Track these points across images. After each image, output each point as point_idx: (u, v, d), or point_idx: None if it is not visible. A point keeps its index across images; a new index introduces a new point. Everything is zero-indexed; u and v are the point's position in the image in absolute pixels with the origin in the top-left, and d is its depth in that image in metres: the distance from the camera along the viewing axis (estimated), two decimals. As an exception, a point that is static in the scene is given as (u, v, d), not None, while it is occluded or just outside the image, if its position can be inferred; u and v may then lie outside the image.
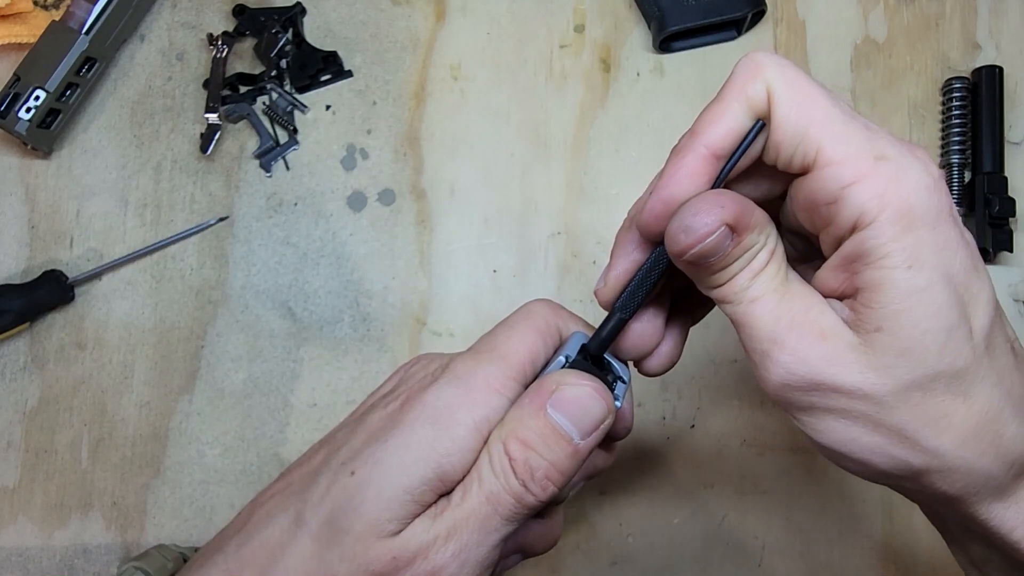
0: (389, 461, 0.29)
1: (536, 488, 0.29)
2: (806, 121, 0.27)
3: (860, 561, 0.50)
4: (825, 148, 0.26)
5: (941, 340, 0.26)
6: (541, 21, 0.55)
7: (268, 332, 0.51)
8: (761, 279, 0.28)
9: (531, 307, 0.33)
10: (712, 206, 0.27)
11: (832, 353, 0.27)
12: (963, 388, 0.27)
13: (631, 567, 0.50)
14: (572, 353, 0.32)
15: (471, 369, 0.31)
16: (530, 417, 0.30)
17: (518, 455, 0.29)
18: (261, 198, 0.53)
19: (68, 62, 0.51)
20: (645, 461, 0.50)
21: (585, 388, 0.30)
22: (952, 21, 0.55)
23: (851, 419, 0.27)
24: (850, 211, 0.26)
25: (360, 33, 0.55)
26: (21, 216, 0.53)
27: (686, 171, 0.28)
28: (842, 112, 0.27)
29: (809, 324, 0.28)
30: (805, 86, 0.27)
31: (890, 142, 0.26)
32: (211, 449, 0.50)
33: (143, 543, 0.49)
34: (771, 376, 0.28)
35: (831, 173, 0.26)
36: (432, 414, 0.30)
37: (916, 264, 0.26)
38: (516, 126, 0.54)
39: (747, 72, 0.28)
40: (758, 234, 0.28)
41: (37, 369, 0.51)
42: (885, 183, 0.26)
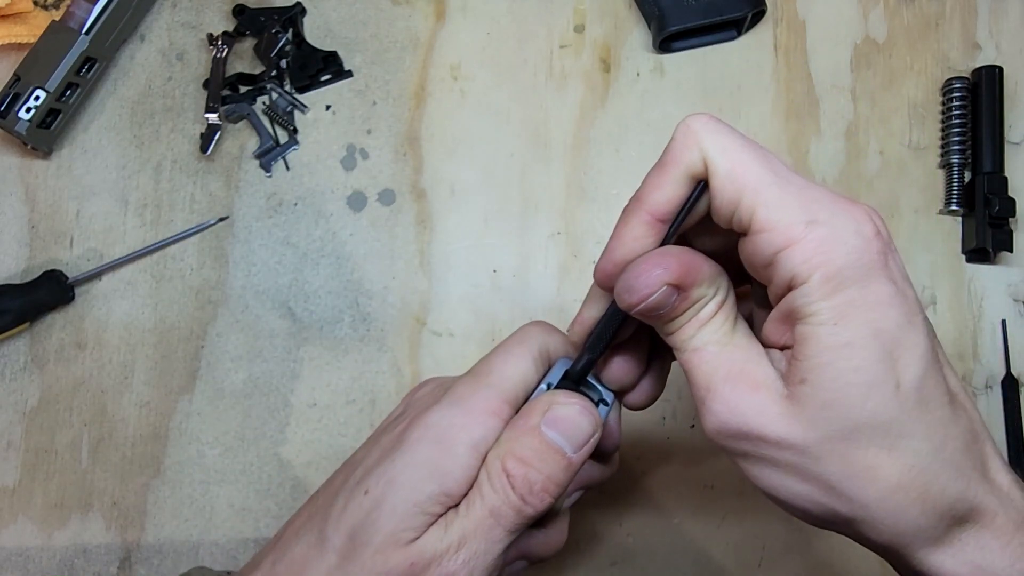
0: (399, 480, 0.32)
1: (534, 500, 0.32)
2: (739, 188, 0.28)
3: (860, 561, 0.50)
4: (758, 214, 0.28)
5: (863, 393, 0.27)
6: (541, 21, 0.55)
7: (268, 332, 0.51)
8: (707, 330, 0.30)
9: (527, 331, 0.36)
10: (653, 267, 0.29)
11: (761, 404, 0.28)
12: (888, 441, 0.28)
13: (631, 567, 0.50)
14: (555, 380, 0.35)
15: (469, 392, 0.34)
16: (525, 436, 0.32)
17: (516, 471, 0.32)
18: (261, 198, 0.53)
19: (68, 62, 0.51)
20: (645, 461, 0.50)
21: (574, 406, 0.33)
22: (952, 21, 0.55)
23: (781, 468, 0.29)
24: (783, 273, 0.27)
25: (360, 33, 0.55)
26: (21, 216, 0.53)
27: (631, 235, 0.30)
28: (775, 177, 0.28)
29: (744, 375, 0.29)
30: (738, 153, 0.28)
31: (824, 204, 0.28)
32: (211, 449, 0.50)
33: (143, 543, 0.49)
34: (706, 423, 0.30)
35: (765, 239, 0.28)
36: (435, 435, 0.33)
37: (841, 321, 0.27)
38: (516, 126, 0.54)
39: (683, 141, 0.29)
40: (707, 287, 0.30)
41: (37, 369, 0.51)
42: (814, 248, 0.27)
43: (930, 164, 0.54)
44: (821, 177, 0.54)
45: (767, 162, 0.28)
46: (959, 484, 0.28)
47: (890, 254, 0.28)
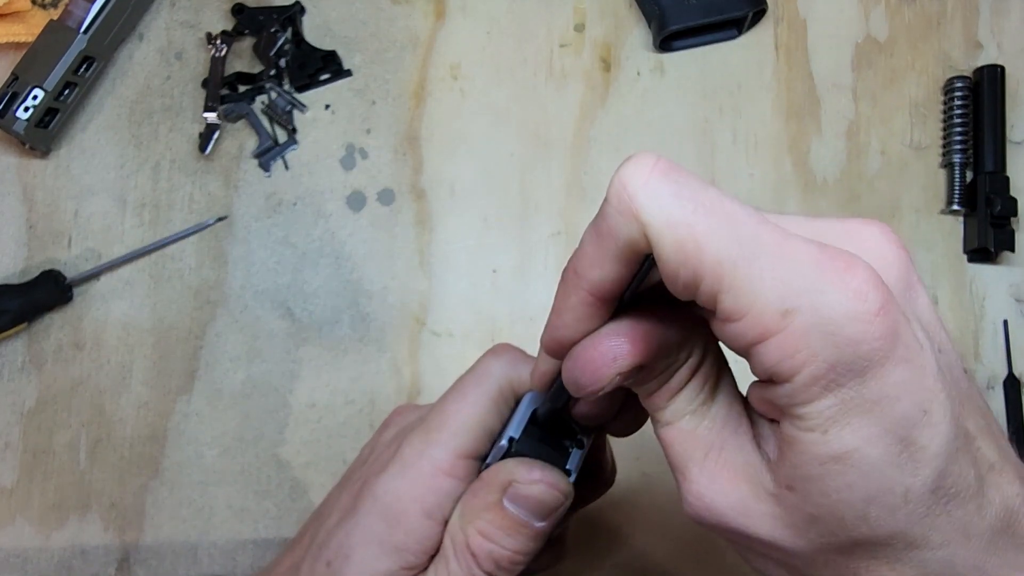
0: (354, 556, 0.31)
1: (502, 573, 0.30)
2: (694, 271, 0.21)
3: None
4: (723, 302, 0.22)
5: (858, 510, 0.22)
6: (541, 20, 0.55)
7: (267, 332, 0.51)
8: (678, 401, 0.26)
9: (484, 367, 0.33)
10: (602, 357, 0.24)
11: (743, 501, 0.24)
12: (892, 555, 0.23)
13: (631, 567, 0.49)
14: (522, 421, 0.32)
15: (419, 453, 0.31)
16: (487, 511, 0.30)
17: (479, 549, 0.30)
18: (260, 198, 0.53)
19: (66, 61, 0.51)
20: (645, 461, 0.50)
21: (537, 486, 0.30)
22: (954, 20, 0.55)
23: (773, 562, 0.25)
24: (762, 369, 0.22)
25: (359, 32, 0.55)
26: (19, 216, 0.52)
27: (573, 316, 0.25)
28: (738, 250, 0.21)
29: (722, 464, 0.25)
30: (687, 223, 0.21)
31: (805, 280, 0.21)
32: (210, 450, 0.50)
33: (141, 544, 0.49)
34: (685, 508, 0.26)
35: (733, 329, 0.22)
36: (382, 508, 0.31)
37: (832, 428, 0.22)
38: (516, 126, 0.54)
39: (618, 207, 0.22)
40: (675, 353, 0.25)
41: (35, 369, 0.51)
42: (794, 344, 0.21)
43: (931, 164, 0.54)
44: (822, 177, 0.53)
45: (728, 228, 0.21)
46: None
47: (904, 320, 0.22)
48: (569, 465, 0.32)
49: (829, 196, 0.53)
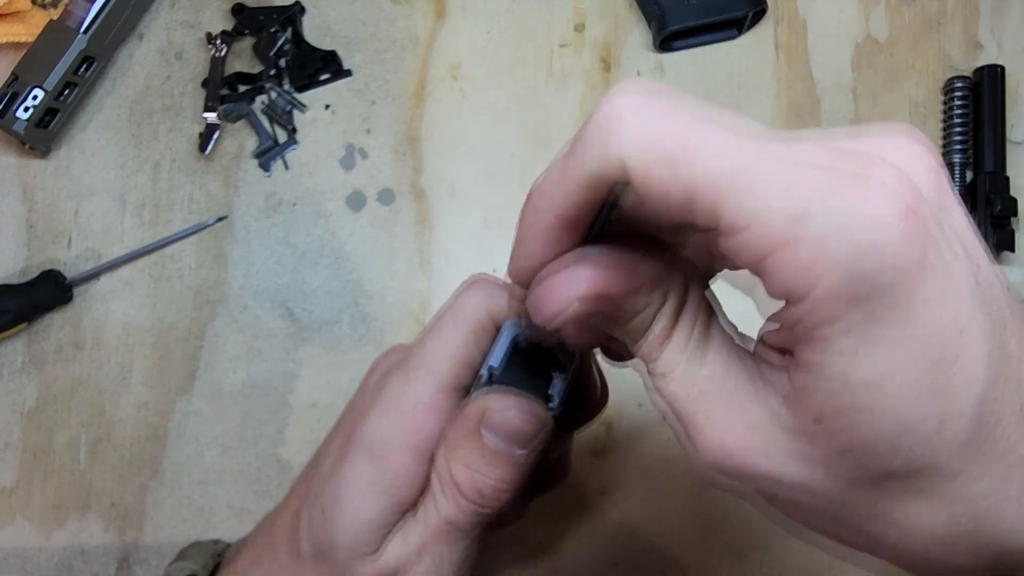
0: (346, 500, 0.31)
1: (489, 503, 0.30)
2: (686, 185, 0.19)
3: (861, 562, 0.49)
4: (724, 212, 0.19)
5: (891, 440, 0.20)
6: (541, 20, 0.55)
7: (267, 332, 0.51)
8: (669, 349, 0.23)
9: (461, 301, 0.32)
10: (561, 283, 0.23)
11: (763, 445, 0.22)
12: (928, 487, 0.21)
13: (631, 567, 0.49)
14: (503, 350, 0.31)
15: (400, 392, 0.31)
16: (466, 441, 0.30)
17: (463, 479, 0.30)
18: (260, 198, 0.53)
19: (66, 61, 0.51)
20: (645, 461, 0.50)
21: (510, 413, 0.30)
22: (954, 20, 0.55)
23: (800, 506, 0.23)
24: (775, 287, 0.20)
25: (359, 32, 0.55)
26: (19, 216, 0.52)
27: (536, 240, 0.24)
28: (738, 156, 0.19)
29: (734, 410, 0.22)
30: (675, 136, 0.20)
31: (819, 183, 0.19)
32: (210, 450, 0.50)
33: (141, 544, 0.49)
34: (699, 462, 0.23)
35: (739, 242, 0.20)
36: (369, 450, 0.31)
37: (863, 350, 0.19)
38: (516, 126, 0.54)
39: (598, 136, 0.20)
40: (647, 294, 0.23)
41: (35, 369, 0.51)
42: (811, 254, 0.19)
43: (931, 164, 0.54)
44: (822, 177, 0.53)
45: (726, 136, 0.20)
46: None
47: (934, 228, 0.19)
48: (551, 391, 0.32)
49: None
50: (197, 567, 0.38)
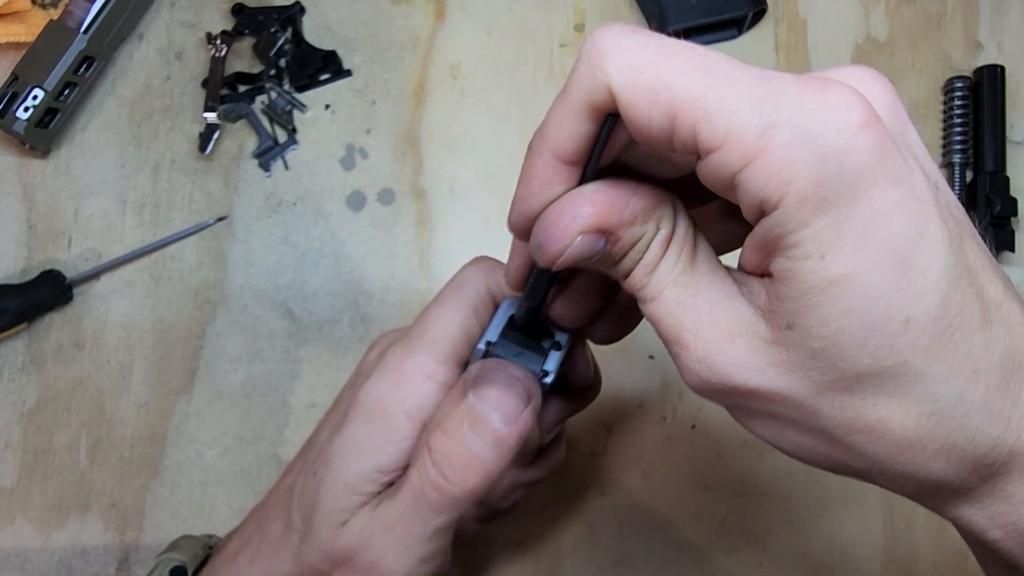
0: (334, 461, 0.31)
1: (456, 476, 0.29)
2: (667, 109, 0.21)
3: (861, 563, 0.49)
4: (701, 132, 0.21)
5: (859, 339, 0.22)
6: (541, 20, 0.55)
7: (267, 332, 0.51)
8: (658, 273, 0.25)
9: (462, 276, 0.33)
10: (562, 216, 0.24)
11: (741, 355, 0.24)
12: (899, 388, 0.22)
13: (631, 567, 0.49)
14: (500, 325, 0.32)
15: (401, 359, 0.31)
16: (453, 405, 0.30)
17: (437, 444, 0.29)
18: (260, 198, 0.53)
19: (66, 61, 0.51)
20: (645, 462, 0.50)
21: (500, 373, 0.30)
22: (954, 20, 0.55)
23: (779, 420, 0.25)
24: (749, 199, 0.22)
25: (359, 32, 0.55)
26: (19, 216, 0.52)
27: (538, 181, 0.25)
28: (712, 79, 0.21)
29: (716, 324, 0.24)
30: (653, 65, 0.22)
31: (784, 98, 0.21)
32: (209, 450, 0.50)
33: (141, 544, 0.49)
34: (686, 380, 0.25)
35: (716, 160, 0.22)
36: (366, 412, 0.31)
37: (829, 252, 0.21)
38: (516, 126, 0.54)
39: (587, 62, 0.23)
40: (642, 224, 0.25)
41: (35, 369, 0.51)
42: (779, 161, 0.21)
43: (931, 164, 0.54)
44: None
45: (698, 63, 0.22)
46: (993, 429, 0.23)
47: (892, 140, 0.21)
48: (547, 366, 0.32)
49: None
50: (186, 558, 0.38)
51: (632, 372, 0.51)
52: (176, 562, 0.37)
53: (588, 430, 0.50)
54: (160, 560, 0.38)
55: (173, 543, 0.40)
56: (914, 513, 0.49)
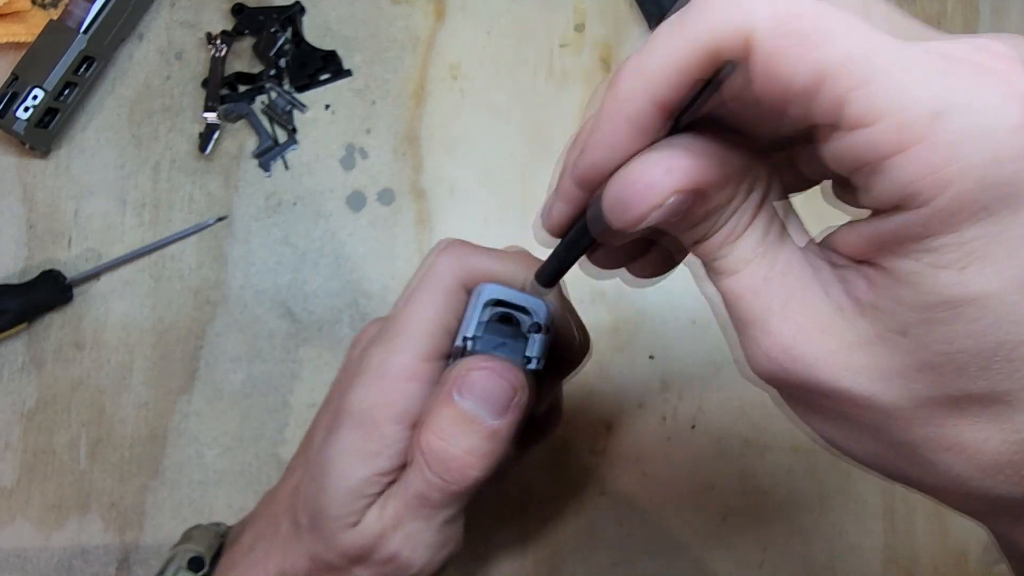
0: (333, 469, 0.31)
1: (454, 476, 0.30)
2: (816, 66, 0.18)
3: (861, 563, 0.49)
4: (853, 103, 0.18)
5: (982, 362, 0.19)
6: (541, 20, 0.55)
7: (267, 332, 0.51)
8: (741, 245, 0.22)
9: (431, 267, 0.32)
10: (655, 171, 0.21)
11: (834, 353, 0.21)
12: (1003, 413, 0.20)
13: (631, 567, 0.49)
14: (475, 316, 0.31)
15: (382, 361, 0.31)
16: (441, 406, 0.30)
17: (432, 447, 0.30)
18: (260, 198, 0.53)
19: (66, 61, 0.50)
20: (646, 461, 0.50)
21: (482, 373, 0.29)
22: (953, 20, 0.55)
23: (853, 424, 0.22)
24: (891, 188, 0.18)
25: (359, 32, 0.55)
26: (19, 216, 0.52)
27: (622, 131, 0.21)
28: (879, 40, 0.18)
29: (806, 312, 0.21)
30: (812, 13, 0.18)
31: (962, 76, 0.18)
32: (210, 450, 0.50)
33: (141, 544, 0.49)
34: (754, 364, 0.23)
35: (861, 139, 0.18)
36: (355, 420, 0.31)
37: (973, 265, 0.18)
38: (516, 126, 0.54)
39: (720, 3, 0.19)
40: (734, 187, 0.22)
41: (35, 369, 0.51)
42: (946, 154, 0.17)
43: (931, 164, 0.54)
44: (822, 177, 0.53)
45: (871, 14, 0.19)
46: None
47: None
48: (530, 351, 0.31)
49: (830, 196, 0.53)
50: (202, 548, 0.38)
51: (632, 372, 0.51)
52: (193, 553, 0.38)
53: (588, 430, 0.50)
54: (176, 552, 0.38)
55: (186, 533, 0.40)
56: (914, 513, 0.49)
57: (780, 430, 0.51)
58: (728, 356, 0.51)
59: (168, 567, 0.38)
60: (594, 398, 0.51)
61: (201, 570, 0.37)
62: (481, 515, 0.49)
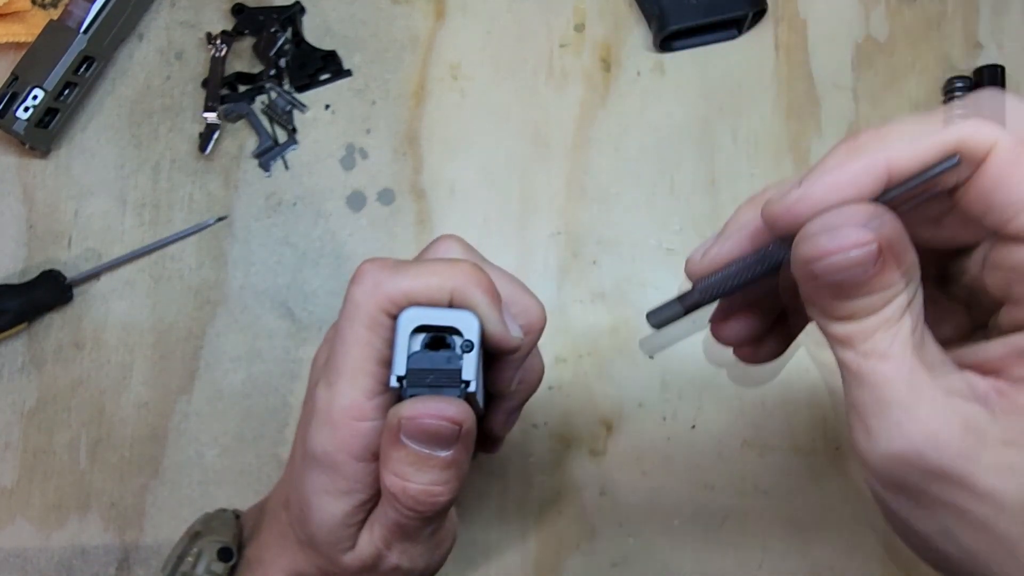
0: (313, 506, 0.32)
1: (427, 505, 0.30)
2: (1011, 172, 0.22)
3: (861, 563, 0.49)
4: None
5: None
6: (541, 20, 0.55)
7: (267, 332, 0.51)
8: (894, 333, 0.24)
9: (350, 301, 0.31)
10: (868, 218, 0.22)
11: (973, 448, 0.23)
12: None
13: (631, 567, 0.49)
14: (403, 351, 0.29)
15: (328, 405, 0.31)
16: (392, 450, 0.30)
17: (395, 488, 0.30)
18: (260, 198, 0.53)
19: (66, 61, 0.51)
20: (645, 461, 0.50)
21: (423, 420, 0.29)
22: (954, 20, 0.55)
23: (963, 518, 0.24)
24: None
25: (359, 32, 0.55)
26: (19, 216, 0.52)
27: (848, 177, 0.23)
28: None
29: (950, 408, 0.23)
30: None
31: None
32: (210, 450, 0.50)
33: (141, 544, 0.49)
34: (885, 446, 0.24)
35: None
36: (319, 462, 0.32)
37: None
38: (516, 126, 0.54)
39: (977, 110, 0.22)
40: (902, 276, 0.24)
41: (35, 369, 0.51)
42: None
43: (931, 164, 0.54)
44: (822, 177, 0.53)
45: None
46: None
47: None
48: (465, 375, 0.30)
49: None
50: (228, 539, 0.38)
51: (632, 372, 0.51)
52: (221, 543, 0.38)
53: (588, 430, 0.50)
54: (203, 545, 0.38)
55: (206, 522, 0.40)
56: (914, 513, 0.49)
57: (780, 430, 0.51)
58: (728, 357, 0.51)
59: (199, 561, 0.37)
60: (594, 398, 0.51)
61: (231, 560, 0.38)
62: (482, 515, 0.49)
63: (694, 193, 0.53)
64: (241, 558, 0.38)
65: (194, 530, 0.39)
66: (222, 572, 0.37)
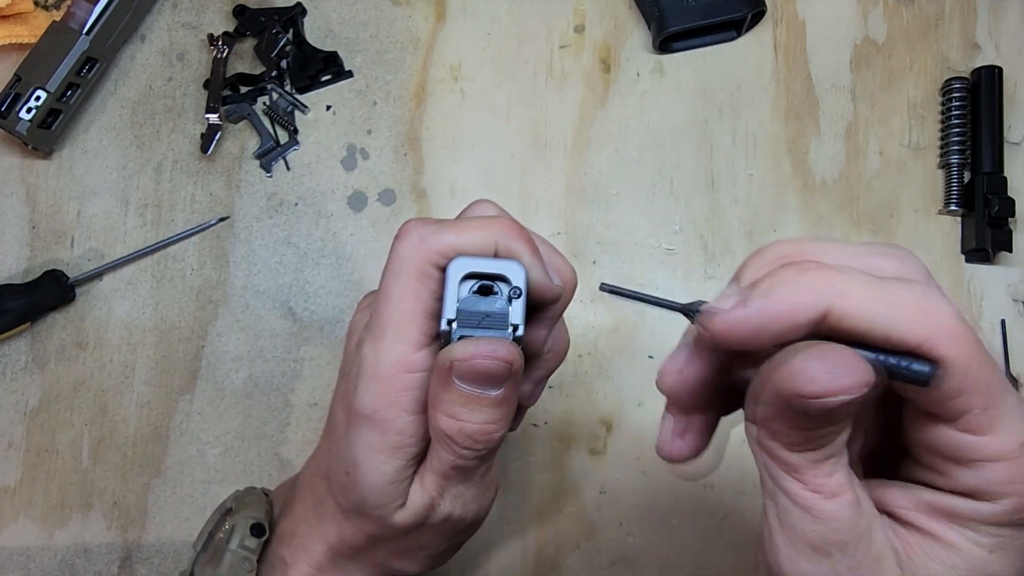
0: (363, 465, 0.33)
1: (481, 443, 0.32)
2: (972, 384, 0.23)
3: None
4: (976, 417, 0.24)
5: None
6: (541, 21, 0.55)
7: (269, 332, 0.51)
8: (840, 468, 0.25)
9: (395, 257, 0.32)
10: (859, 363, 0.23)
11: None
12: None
13: (631, 567, 0.50)
14: (453, 296, 0.30)
15: (376, 361, 0.32)
16: (444, 392, 0.31)
17: (450, 429, 0.31)
18: (262, 198, 0.53)
19: (69, 62, 0.51)
20: (645, 461, 0.50)
21: (475, 360, 0.30)
22: (951, 21, 0.56)
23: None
24: (968, 480, 0.24)
25: (360, 33, 0.55)
26: (22, 216, 0.53)
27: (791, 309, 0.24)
28: (1000, 378, 0.24)
29: (878, 545, 0.25)
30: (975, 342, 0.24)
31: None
32: (212, 449, 0.50)
33: (144, 543, 0.49)
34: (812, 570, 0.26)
35: (970, 441, 0.24)
36: (370, 421, 0.32)
37: (1001, 552, 0.24)
38: (516, 126, 0.54)
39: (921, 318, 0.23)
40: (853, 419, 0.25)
41: (38, 369, 0.51)
42: (1020, 474, 0.24)
43: (929, 164, 0.54)
44: (821, 178, 0.54)
45: (990, 357, 0.24)
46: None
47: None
48: (513, 319, 0.31)
49: (828, 196, 0.53)
50: (261, 515, 0.39)
51: (632, 372, 0.51)
52: (254, 519, 0.38)
53: (588, 430, 0.51)
54: (235, 521, 0.38)
55: (237, 499, 0.40)
56: (912, 512, 0.50)
57: (779, 429, 0.51)
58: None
59: (232, 537, 0.38)
60: (594, 398, 0.51)
61: (264, 536, 0.38)
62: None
63: (693, 193, 0.53)
64: (273, 533, 0.38)
65: (226, 507, 0.40)
66: (255, 547, 0.37)
